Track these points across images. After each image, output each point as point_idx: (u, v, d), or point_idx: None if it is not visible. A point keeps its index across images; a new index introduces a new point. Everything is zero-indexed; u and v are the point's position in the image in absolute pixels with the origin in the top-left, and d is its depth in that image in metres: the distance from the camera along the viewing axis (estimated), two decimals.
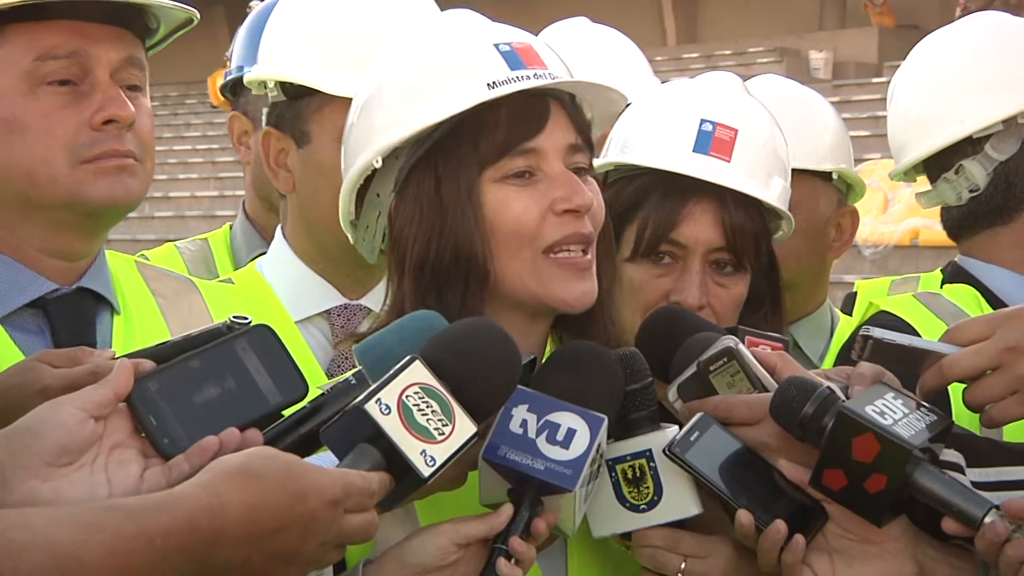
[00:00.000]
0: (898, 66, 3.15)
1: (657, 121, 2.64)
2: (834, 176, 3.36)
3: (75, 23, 2.19)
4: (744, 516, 1.99)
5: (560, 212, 2.07)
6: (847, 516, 2.00)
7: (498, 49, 2.11)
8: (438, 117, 2.07)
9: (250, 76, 2.95)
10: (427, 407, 1.81)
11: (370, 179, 2.17)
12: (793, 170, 2.90)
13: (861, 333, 2.11)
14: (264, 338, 1.87)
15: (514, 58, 2.10)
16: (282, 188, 2.88)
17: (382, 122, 2.13)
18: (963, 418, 2.31)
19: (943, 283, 2.85)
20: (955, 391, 2.24)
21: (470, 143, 2.07)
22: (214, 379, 1.82)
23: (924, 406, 2.04)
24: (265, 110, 2.91)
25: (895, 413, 1.98)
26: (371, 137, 2.13)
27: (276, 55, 2.87)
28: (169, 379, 1.80)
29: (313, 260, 2.86)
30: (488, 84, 2.07)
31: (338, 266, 2.83)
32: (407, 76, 2.14)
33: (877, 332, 2.12)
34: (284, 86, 2.83)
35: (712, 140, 2.58)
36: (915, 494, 1.97)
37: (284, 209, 2.94)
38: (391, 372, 1.83)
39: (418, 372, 1.83)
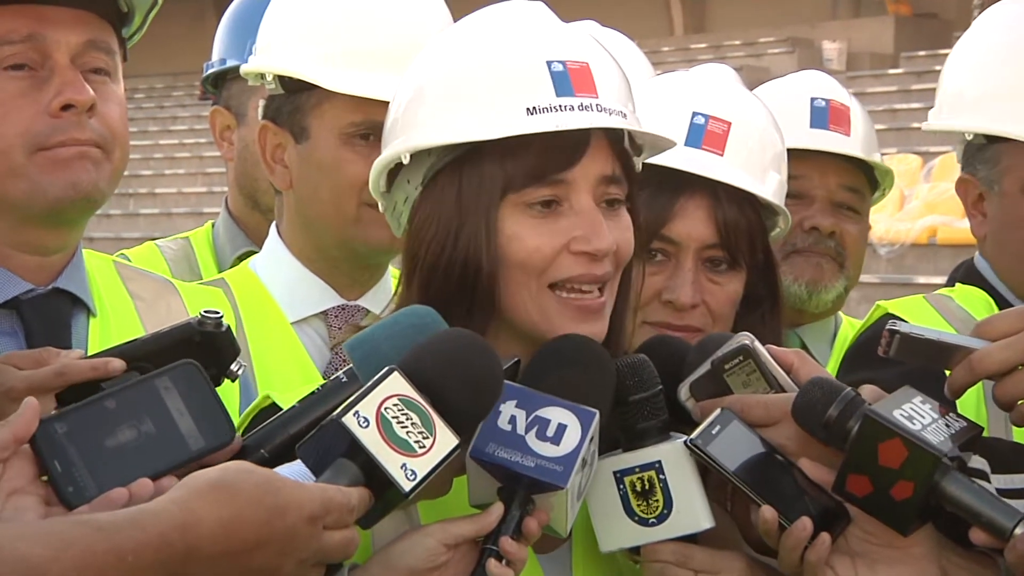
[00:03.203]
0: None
1: (650, 115, 2.57)
2: None
3: (32, 7, 2.13)
4: (768, 512, 1.94)
5: (577, 252, 2.01)
6: (870, 519, 1.95)
7: (550, 68, 2.01)
8: (469, 137, 2.00)
9: (247, 67, 2.91)
10: (407, 419, 1.76)
11: (401, 163, 2.10)
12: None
13: (888, 327, 2.06)
14: (190, 376, 1.79)
15: (564, 81, 2.00)
16: (279, 184, 2.84)
17: (419, 118, 2.06)
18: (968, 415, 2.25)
19: (956, 282, 2.81)
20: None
21: (498, 163, 2.00)
22: (130, 421, 1.73)
23: (952, 412, 1.99)
24: (261, 103, 2.86)
25: (923, 418, 1.93)
26: (407, 128, 2.07)
27: (275, 47, 2.83)
28: (79, 420, 1.71)
29: (310, 259, 2.82)
30: (528, 109, 1.98)
31: (336, 265, 2.79)
32: (453, 78, 2.06)
33: (904, 327, 2.07)
34: (283, 79, 2.79)
35: (704, 133, 2.54)
36: (942, 503, 1.92)
37: (279, 206, 2.89)
38: (369, 384, 1.77)
39: (397, 384, 1.78)
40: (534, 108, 1.98)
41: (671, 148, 2.20)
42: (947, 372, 2.18)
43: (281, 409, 1.98)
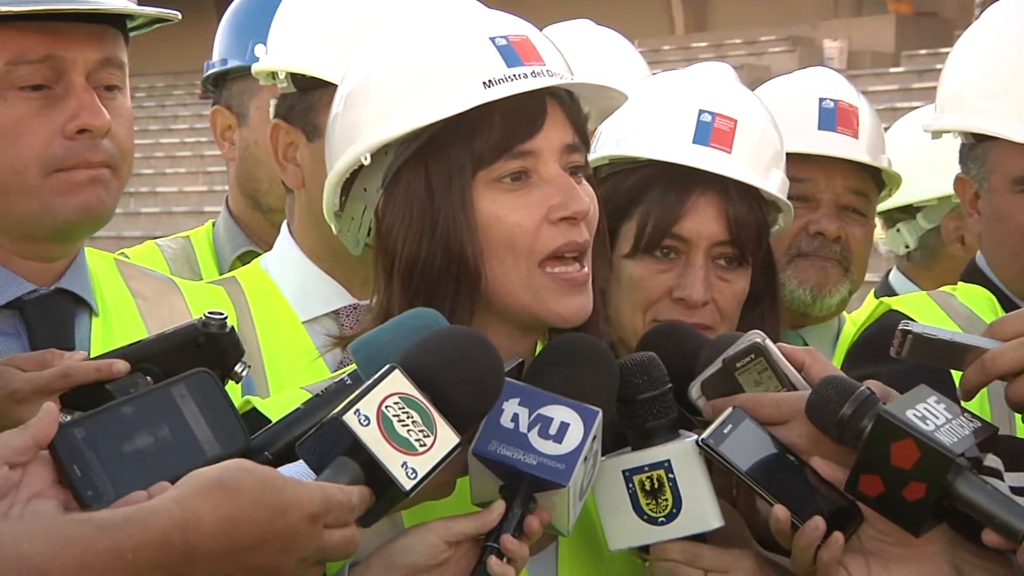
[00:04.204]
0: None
1: (654, 113, 2.59)
2: None
3: (50, 23, 2.12)
4: (781, 512, 1.93)
5: (556, 220, 2.00)
6: (883, 518, 1.94)
7: (494, 43, 2.03)
8: (432, 118, 1.99)
9: (258, 67, 2.89)
10: (407, 418, 1.75)
11: (356, 172, 2.09)
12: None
13: (900, 327, 2.05)
14: (204, 384, 1.79)
15: (511, 53, 2.02)
16: (290, 183, 2.82)
17: (371, 116, 2.05)
18: None
19: (960, 279, 2.82)
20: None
21: (463, 143, 1.99)
22: (147, 427, 1.72)
23: (968, 412, 1.97)
24: (273, 101, 2.85)
25: (937, 418, 1.92)
26: (359, 131, 2.06)
27: (287, 45, 2.81)
28: (97, 426, 1.70)
29: (321, 258, 2.80)
30: (484, 83, 1.99)
31: (347, 264, 2.75)
32: (399, 69, 2.06)
33: (917, 327, 2.05)
34: (295, 78, 2.77)
35: (712, 131, 2.54)
36: (955, 503, 1.91)
37: (290, 204, 2.88)
38: (370, 382, 1.76)
39: (398, 382, 1.77)
40: (490, 81, 1.99)
41: (620, 106, 2.19)
42: (952, 371, 2.19)
43: (262, 415, 1.98)
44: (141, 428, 1.72)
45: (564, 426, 1.86)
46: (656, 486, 1.96)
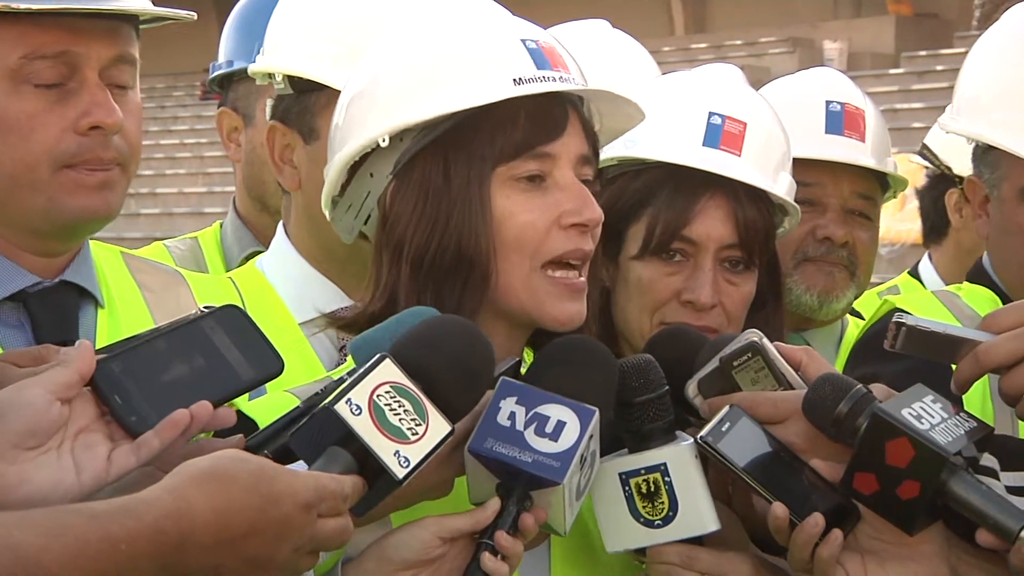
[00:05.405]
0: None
1: (664, 115, 2.59)
2: None
3: (67, 19, 2.11)
4: (779, 509, 1.94)
5: (567, 226, 2.02)
6: (879, 517, 1.95)
7: (525, 45, 2.06)
8: (462, 105, 2.02)
9: (255, 67, 2.88)
10: (399, 406, 1.77)
11: (365, 156, 2.10)
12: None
13: (894, 319, 2.06)
14: (233, 317, 1.82)
15: (541, 56, 2.06)
16: (287, 185, 2.82)
17: (392, 99, 2.07)
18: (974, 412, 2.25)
19: (965, 279, 2.82)
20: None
21: (485, 138, 2.02)
22: (182, 358, 1.77)
23: (964, 411, 1.98)
24: (269, 103, 2.84)
25: (933, 417, 1.93)
26: (376, 114, 2.08)
27: (284, 47, 2.81)
28: (134, 359, 1.75)
29: (317, 260, 2.80)
30: (515, 80, 2.02)
31: (344, 266, 2.75)
32: (425, 60, 2.08)
33: (911, 319, 2.07)
34: (292, 80, 2.77)
35: (722, 133, 2.56)
36: (949, 503, 1.92)
37: (287, 206, 2.87)
38: (361, 371, 1.78)
39: (389, 371, 1.78)
40: (520, 79, 2.02)
41: (634, 126, 2.21)
42: (953, 366, 2.19)
43: (249, 419, 1.98)
44: (176, 359, 1.76)
45: (560, 424, 1.87)
46: (652, 489, 1.97)
